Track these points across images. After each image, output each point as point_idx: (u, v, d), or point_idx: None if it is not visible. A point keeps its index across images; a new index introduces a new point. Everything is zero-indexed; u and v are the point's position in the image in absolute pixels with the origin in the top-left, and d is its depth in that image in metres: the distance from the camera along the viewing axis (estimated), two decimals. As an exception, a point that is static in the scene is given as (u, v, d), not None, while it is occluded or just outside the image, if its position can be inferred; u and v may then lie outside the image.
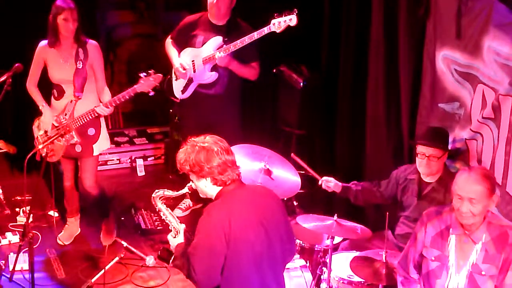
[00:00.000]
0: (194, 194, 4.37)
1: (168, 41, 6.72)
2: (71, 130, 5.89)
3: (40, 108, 6.05)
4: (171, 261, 4.25)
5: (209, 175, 4.05)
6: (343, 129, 6.93)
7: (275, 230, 4.11)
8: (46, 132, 6.01)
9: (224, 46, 6.29)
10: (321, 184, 5.72)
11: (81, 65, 5.88)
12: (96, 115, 5.89)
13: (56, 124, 5.94)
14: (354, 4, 6.65)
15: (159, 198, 4.36)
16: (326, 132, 7.14)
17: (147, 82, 5.74)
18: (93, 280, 4.55)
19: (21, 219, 6.65)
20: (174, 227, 4.28)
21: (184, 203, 7.07)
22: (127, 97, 5.83)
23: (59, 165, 6.45)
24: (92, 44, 5.98)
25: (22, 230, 5.54)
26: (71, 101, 5.90)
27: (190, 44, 6.51)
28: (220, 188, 4.09)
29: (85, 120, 5.88)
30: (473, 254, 4.26)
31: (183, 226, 4.28)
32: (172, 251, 4.25)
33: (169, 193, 4.36)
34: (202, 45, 6.43)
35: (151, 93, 5.78)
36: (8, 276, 5.77)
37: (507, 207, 5.12)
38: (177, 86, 6.64)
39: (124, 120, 8.45)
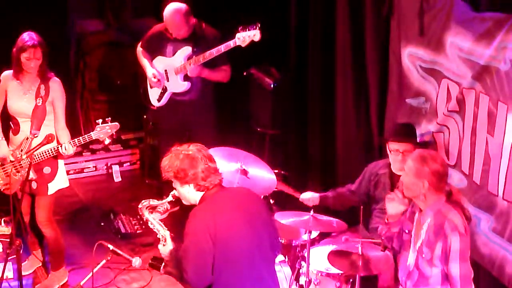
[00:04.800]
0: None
1: (139, 50, 6.80)
2: (27, 166, 5.41)
3: None
4: (162, 267, 4.37)
5: (192, 181, 4.17)
6: (315, 127, 7.04)
7: (262, 225, 4.24)
8: (3, 165, 5.67)
9: (194, 57, 6.38)
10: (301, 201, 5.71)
11: (40, 102, 5.59)
12: (56, 154, 5.54)
13: (13, 159, 5.59)
14: (320, 5, 6.76)
15: (146, 208, 4.50)
16: (299, 131, 7.24)
17: (102, 130, 5.43)
18: (82, 283, 4.66)
19: (1, 229, 6.65)
20: (162, 235, 4.40)
21: (162, 206, 7.11)
22: (83, 142, 5.52)
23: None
24: (55, 81, 5.67)
25: (7, 239, 5.51)
26: (27, 138, 5.60)
27: (161, 53, 6.62)
28: (202, 193, 4.21)
29: (44, 158, 5.54)
30: (421, 235, 4.40)
31: (168, 233, 4.40)
32: (162, 258, 4.36)
33: (154, 202, 4.50)
34: (173, 55, 6.53)
35: (107, 142, 5.52)
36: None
37: (474, 195, 5.26)
38: (153, 94, 6.74)
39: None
